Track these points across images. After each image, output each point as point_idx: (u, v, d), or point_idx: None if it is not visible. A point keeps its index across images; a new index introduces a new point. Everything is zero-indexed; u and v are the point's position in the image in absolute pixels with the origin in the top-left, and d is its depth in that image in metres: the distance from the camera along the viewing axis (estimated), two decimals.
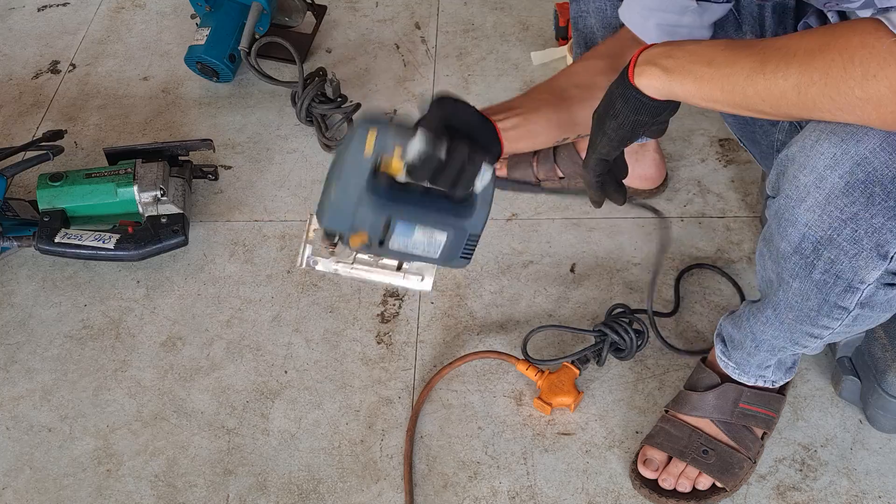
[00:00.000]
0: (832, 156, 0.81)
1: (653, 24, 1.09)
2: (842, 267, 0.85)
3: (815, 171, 0.82)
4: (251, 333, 1.37)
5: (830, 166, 0.81)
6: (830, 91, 0.75)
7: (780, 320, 0.99)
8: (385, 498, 1.18)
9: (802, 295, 0.92)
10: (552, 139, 1.08)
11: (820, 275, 0.87)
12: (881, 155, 0.79)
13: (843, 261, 0.85)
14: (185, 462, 1.23)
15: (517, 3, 1.91)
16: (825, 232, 0.84)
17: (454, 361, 1.29)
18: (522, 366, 1.26)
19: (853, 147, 0.80)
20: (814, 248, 0.86)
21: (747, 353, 1.09)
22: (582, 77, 1.11)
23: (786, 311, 0.96)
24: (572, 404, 1.22)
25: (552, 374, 1.24)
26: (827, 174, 0.82)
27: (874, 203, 0.80)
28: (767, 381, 1.14)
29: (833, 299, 0.89)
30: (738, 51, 0.82)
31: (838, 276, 0.86)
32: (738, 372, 1.14)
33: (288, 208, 1.55)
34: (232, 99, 1.76)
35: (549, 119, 1.06)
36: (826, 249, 0.85)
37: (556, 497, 1.17)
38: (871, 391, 1.17)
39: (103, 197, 1.45)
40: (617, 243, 1.44)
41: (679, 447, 1.15)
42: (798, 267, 0.89)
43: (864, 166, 0.80)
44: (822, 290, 0.89)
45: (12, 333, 1.40)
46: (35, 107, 1.78)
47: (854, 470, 1.17)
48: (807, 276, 0.89)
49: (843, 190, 0.81)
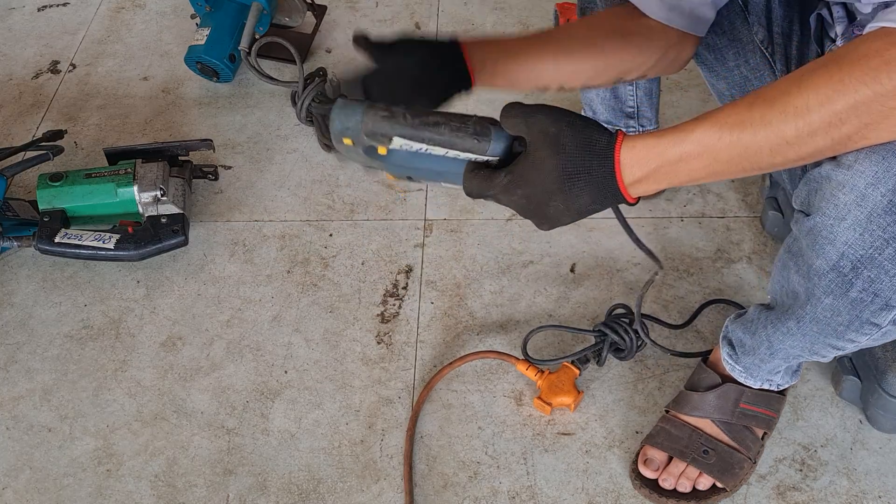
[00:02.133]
0: (874, 174, 0.79)
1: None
2: (881, 286, 0.84)
3: (856, 190, 0.81)
4: (251, 333, 1.37)
5: (872, 184, 0.80)
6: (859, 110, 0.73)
7: (802, 332, 0.97)
8: (385, 498, 1.18)
9: (833, 311, 0.90)
10: (530, 85, 1.05)
11: (857, 293, 0.86)
12: None
13: (883, 280, 0.84)
14: (185, 462, 1.23)
15: (517, 3, 1.91)
16: (866, 251, 0.83)
17: (454, 361, 1.29)
18: (522, 366, 1.26)
19: (895, 165, 0.79)
20: (853, 266, 0.84)
21: (760, 360, 1.08)
22: (578, 30, 1.10)
23: (811, 325, 0.95)
24: (572, 404, 1.22)
25: (552, 375, 1.24)
26: (869, 192, 0.80)
27: None
28: (773, 385, 1.14)
29: (866, 317, 0.88)
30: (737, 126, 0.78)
31: (876, 295, 0.85)
32: (745, 375, 1.13)
33: (288, 208, 1.55)
34: (232, 99, 1.76)
35: (532, 65, 1.03)
36: (866, 268, 0.84)
37: (556, 497, 1.17)
38: (872, 391, 1.17)
39: (103, 197, 1.45)
40: (617, 243, 1.44)
41: (679, 447, 1.15)
42: (834, 284, 0.87)
43: None
44: (856, 307, 0.88)
45: (12, 333, 1.40)
46: (35, 107, 1.78)
47: (854, 470, 1.17)
48: (842, 294, 0.87)
49: (885, 209, 0.80)
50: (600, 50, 1.08)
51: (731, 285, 1.37)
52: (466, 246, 1.46)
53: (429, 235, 1.48)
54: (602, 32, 1.09)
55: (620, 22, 1.10)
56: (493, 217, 1.50)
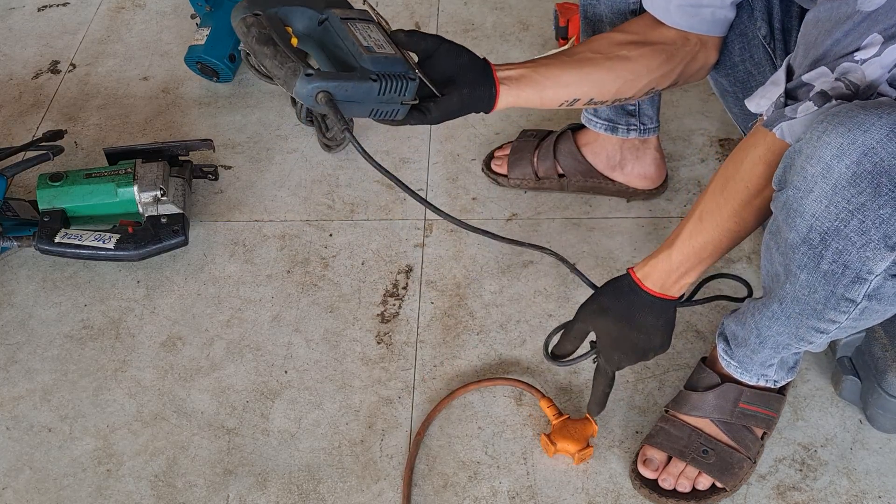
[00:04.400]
0: (839, 146, 0.81)
1: (674, 6, 1.11)
2: (850, 258, 0.85)
3: (822, 162, 0.82)
4: (251, 333, 1.37)
5: (837, 156, 0.81)
6: None
7: (786, 314, 0.98)
8: (385, 498, 1.18)
9: (810, 287, 0.91)
10: (559, 97, 1.10)
11: (828, 265, 0.87)
12: (888, 145, 0.78)
13: (850, 251, 0.85)
14: (185, 462, 1.23)
15: (517, 3, 1.91)
16: (832, 223, 0.84)
17: (482, 380, 1.27)
18: (545, 402, 1.22)
19: (860, 137, 0.79)
20: (822, 238, 0.85)
21: (751, 351, 1.09)
22: (600, 44, 1.13)
23: (792, 305, 0.96)
24: (575, 455, 1.18)
25: (570, 421, 1.20)
26: (834, 164, 0.81)
27: (881, 194, 0.80)
28: (769, 381, 1.14)
29: (841, 291, 0.89)
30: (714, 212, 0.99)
31: (846, 267, 0.86)
32: (740, 371, 1.14)
33: (288, 208, 1.55)
34: (232, 99, 1.76)
35: (558, 76, 1.09)
36: (834, 240, 0.85)
37: (556, 497, 1.17)
38: (871, 391, 1.17)
39: (103, 197, 1.45)
40: (617, 243, 1.44)
41: (679, 447, 1.15)
42: (806, 258, 0.88)
43: (871, 156, 0.79)
44: (829, 281, 0.89)
45: (12, 333, 1.40)
46: (35, 107, 1.78)
47: (854, 470, 1.17)
48: (815, 267, 0.88)
49: (849, 180, 0.81)
50: (625, 59, 1.12)
51: (732, 285, 1.37)
52: (466, 246, 1.46)
53: (429, 235, 1.48)
54: (625, 43, 1.12)
55: (642, 32, 1.13)
56: (494, 217, 1.50)
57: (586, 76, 1.11)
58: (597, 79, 1.11)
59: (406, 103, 0.98)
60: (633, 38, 1.14)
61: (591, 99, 1.12)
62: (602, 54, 1.12)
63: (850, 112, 0.81)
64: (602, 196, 1.51)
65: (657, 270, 1.04)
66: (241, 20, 0.94)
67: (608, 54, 1.12)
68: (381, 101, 0.95)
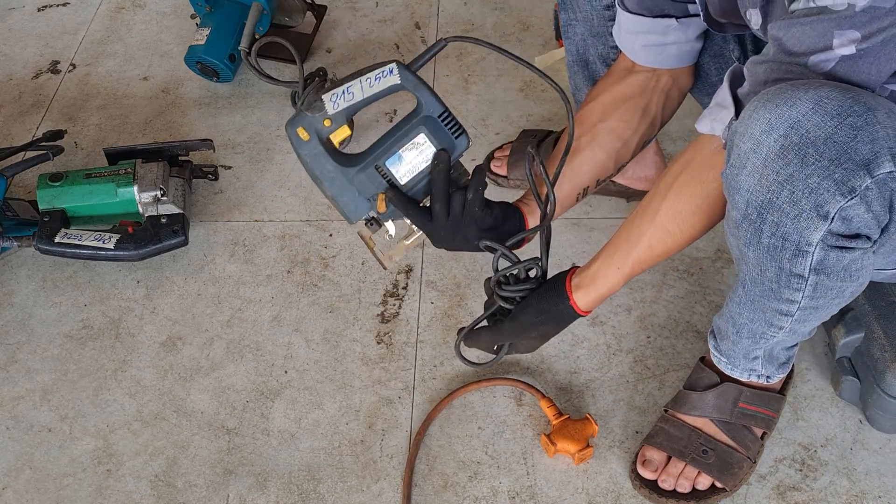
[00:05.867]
0: (767, 121, 0.84)
1: (639, 47, 1.16)
2: (786, 229, 0.87)
3: (753, 138, 0.85)
4: (251, 333, 1.37)
5: (766, 131, 0.84)
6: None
7: (750, 298, 1.00)
8: (385, 498, 1.18)
9: (760, 265, 0.93)
10: (574, 194, 1.17)
11: (768, 239, 0.89)
12: (813, 118, 0.81)
13: (786, 223, 0.87)
14: (185, 462, 1.23)
15: (517, 3, 1.91)
16: (765, 195, 0.86)
17: (481, 380, 1.27)
18: (545, 402, 1.23)
19: (787, 111, 0.83)
20: (758, 212, 0.88)
21: (732, 342, 1.10)
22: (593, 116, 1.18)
23: (752, 287, 0.98)
24: (576, 455, 1.18)
25: (571, 421, 1.20)
26: (763, 139, 0.84)
27: (808, 164, 0.82)
28: (762, 377, 1.14)
29: (787, 266, 0.91)
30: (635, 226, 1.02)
31: (785, 240, 0.88)
32: (729, 366, 1.14)
33: (288, 208, 1.55)
34: (232, 99, 1.76)
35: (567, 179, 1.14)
36: (769, 213, 0.87)
37: (556, 497, 1.17)
38: (871, 391, 1.17)
39: (103, 197, 1.45)
40: None
41: (678, 447, 1.15)
42: (749, 234, 0.91)
43: (797, 129, 0.82)
44: (774, 256, 0.90)
45: (12, 333, 1.40)
46: (35, 107, 1.78)
47: (854, 470, 1.17)
48: (758, 243, 0.90)
49: (778, 153, 0.84)
50: (610, 131, 1.17)
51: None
52: None
53: None
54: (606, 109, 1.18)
55: (620, 87, 1.18)
56: None
57: (586, 166, 1.16)
58: (593, 164, 1.16)
59: None
60: (618, 94, 1.18)
61: (596, 181, 1.18)
62: (588, 135, 1.16)
63: (779, 90, 0.84)
64: (602, 196, 1.51)
65: (593, 293, 1.04)
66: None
67: (593, 134, 1.16)
68: None
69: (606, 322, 1.34)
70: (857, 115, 0.81)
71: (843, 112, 0.81)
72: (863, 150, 0.81)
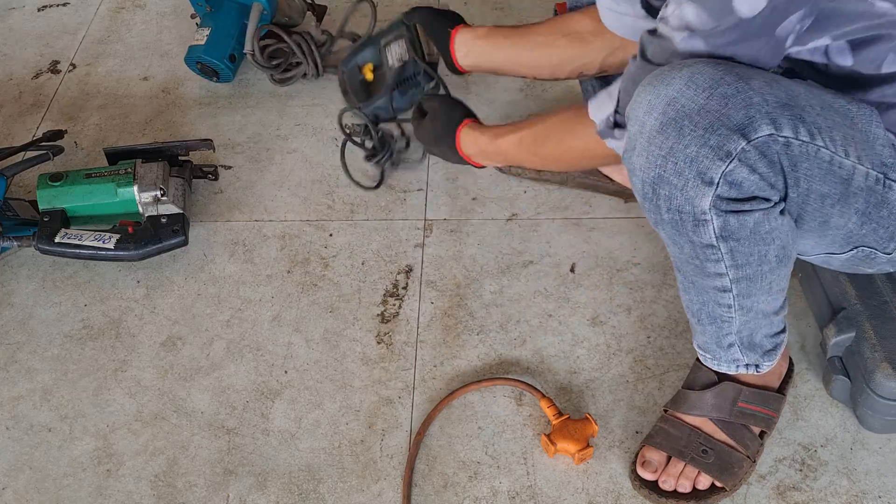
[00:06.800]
0: (648, 102, 0.90)
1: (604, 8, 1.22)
2: (678, 201, 0.90)
3: (638, 120, 0.91)
4: (251, 333, 1.37)
5: (647, 111, 0.90)
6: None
7: (689, 281, 1.03)
8: (385, 498, 1.18)
9: (675, 243, 0.97)
10: (508, 69, 1.35)
11: (667, 214, 0.92)
12: (687, 92, 0.87)
13: (676, 195, 0.90)
14: (185, 462, 1.23)
15: (517, 3, 1.91)
16: (654, 171, 0.90)
17: (482, 381, 1.27)
18: (545, 402, 1.23)
19: (663, 90, 0.89)
20: (652, 189, 0.92)
21: (700, 333, 1.11)
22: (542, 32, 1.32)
23: (684, 268, 1.01)
24: (576, 455, 1.18)
25: (570, 420, 1.20)
26: (646, 119, 0.90)
27: (685, 135, 0.87)
28: (750, 367, 1.12)
29: (695, 238, 0.93)
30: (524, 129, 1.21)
31: (680, 212, 0.91)
32: (713, 361, 1.14)
33: (288, 208, 1.55)
34: (232, 99, 1.76)
35: (511, 51, 1.33)
36: (660, 187, 0.91)
37: (556, 497, 1.17)
38: (860, 391, 1.17)
39: (103, 197, 1.45)
40: (617, 243, 1.44)
41: (678, 447, 1.15)
42: (652, 213, 0.94)
43: (673, 105, 0.88)
44: (679, 230, 0.93)
45: (12, 333, 1.40)
46: (35, 107, 1.78)
47: (854, 470, 1.17)
48: (661, 220, 0.94)
49: (658, 130, 0.89)
50: (553, 47, 1.31)
51: None
52: (466, 246, 1.46)
53: (429, 235, 1.48)
54: (559, 33, 1.30)
55: (576, 26, 1.29)
56: (493, 217, 1.50)
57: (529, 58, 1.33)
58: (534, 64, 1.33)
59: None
60: (569, 28, 1.30)
61: (533, 77, 1.37)
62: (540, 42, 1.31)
63: (659, 72, 0.91)
64: (602, 196, 1.51)
65: (475, 147, 1.26)
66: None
67: (545, 42, 1.31)
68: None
69: (606, 322, 1.34)
70: (728, 85, 0.86)
71: (714, 84, 0.86)
72: (736, 116, 0.86)
